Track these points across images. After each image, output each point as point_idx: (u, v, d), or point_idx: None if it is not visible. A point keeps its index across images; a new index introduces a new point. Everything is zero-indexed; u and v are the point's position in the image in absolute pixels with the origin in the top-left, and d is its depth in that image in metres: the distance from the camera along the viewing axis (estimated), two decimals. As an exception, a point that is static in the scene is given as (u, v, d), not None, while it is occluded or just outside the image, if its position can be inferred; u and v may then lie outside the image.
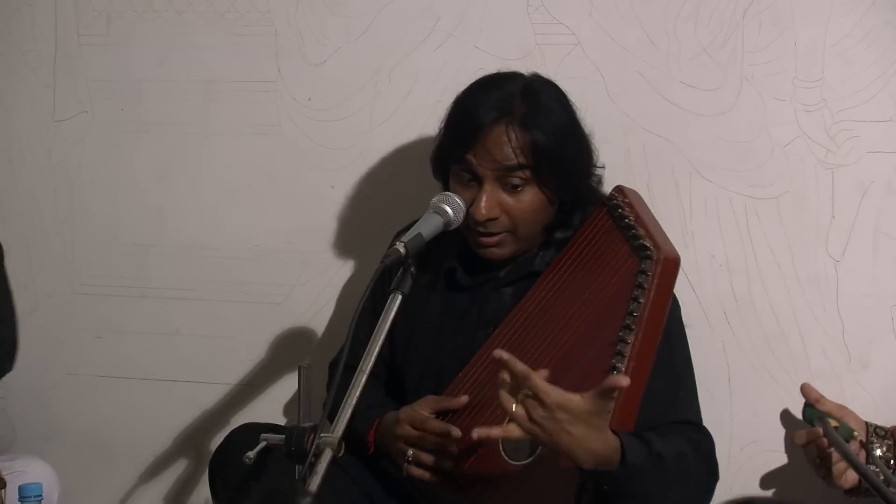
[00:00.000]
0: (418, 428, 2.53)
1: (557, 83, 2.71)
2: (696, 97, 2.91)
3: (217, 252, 3.26)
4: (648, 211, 2.65)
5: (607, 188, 2.71)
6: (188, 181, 3.27)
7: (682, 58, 2.91)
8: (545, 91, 2.64)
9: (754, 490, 2.89)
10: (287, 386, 3.20)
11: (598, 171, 2.70)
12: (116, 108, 3.32)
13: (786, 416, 2.87)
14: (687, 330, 2.70)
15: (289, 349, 3.20)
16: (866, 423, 2.55)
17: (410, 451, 2.53)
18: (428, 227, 2.45)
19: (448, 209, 2.51)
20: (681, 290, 2.67)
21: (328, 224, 3.17)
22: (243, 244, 3.24)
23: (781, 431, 2.88)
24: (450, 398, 2.56)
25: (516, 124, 2.56)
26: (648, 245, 2.49)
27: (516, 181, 2.57)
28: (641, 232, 2.52)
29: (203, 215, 3.27)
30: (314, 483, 2.02)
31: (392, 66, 3.11)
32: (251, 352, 3.23)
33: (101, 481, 3.34)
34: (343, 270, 3.17)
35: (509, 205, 2.58)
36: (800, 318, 2.87)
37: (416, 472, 2.53)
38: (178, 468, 3.29)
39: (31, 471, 2.87)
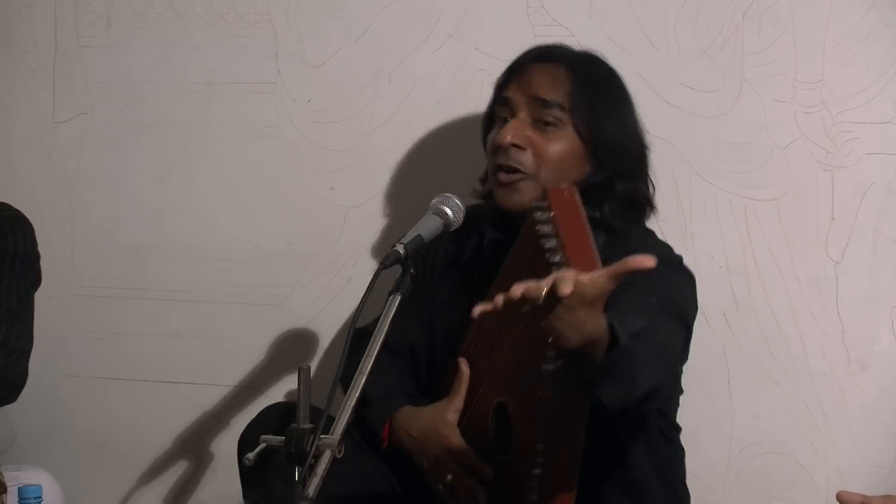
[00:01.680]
0: (460, 461, 2.46)
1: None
2: (695, 99, 2.91)
3: (217, 254, 3.26)
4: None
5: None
6: (188, 183, 3.27)
7: (681, 59, 2.92)
8: (604, 63, 2.63)
9: (754, 491, 2.89)
10: (287, 388, 3.20)
11: (646, 147, 2.63)
12: (116, 109, 3.32)
13: (785, 420, 2.88)
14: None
15: (288, 351, 3.20)
16: None
17: (450, 478, 2.46)
18: (427, 228, 2.44)
19: (448, 210, 2.50)
20: (680, 291, 2.67)
21: (328, 226, 3.17)
22: (243, 246, 3.24)
23: (781, 433, 2.88)
24: (459, 394, 2.49)
25: (565, 67, 2.54)
26: (541, 204, 2.26)
27: (549, 117, 2.52)
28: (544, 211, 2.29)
29: (203, 217, 3.27)
30: (314, 485, 2.03)
31: (392, 67, 3.11)
32: (251, 353, 3.23)
33: (100, 482, 3.34)
34: (343, 272, 3.17)
35: (538, 140, 2.52)
36: (799, 319, 2.87)
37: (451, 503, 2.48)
38: (178, 470, 3.29)
39: (34, 479, 2.86)
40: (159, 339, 3.30)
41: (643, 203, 2.63)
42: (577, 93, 2.53)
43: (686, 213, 2.92)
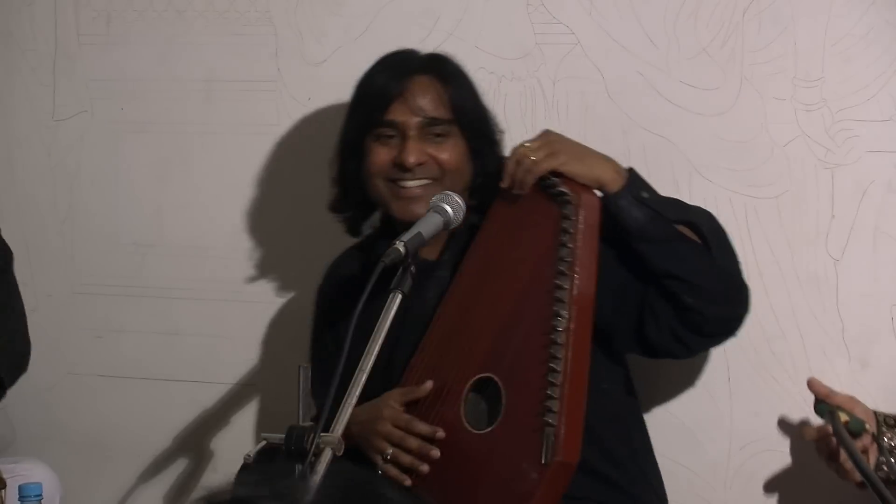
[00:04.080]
0: (402, 428, 2.53)
1: (558, 83, 2.73)
2: (695, 97, 2.90)
3: (217, 251, 3.25)
4: None
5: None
6: (188, 181, 3.27)
7: (681, 57, 2.91)
8: (452, 59, 2.76)
9: (754, 489, 2.89)
10: (287, 386, 3.19)
11: (501, 137, 2.77)
12: (116, 107, 3.32)
13: (786, 418, 2.88)
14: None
15: (288, 349, 3.20)
16: (875, 412, 2.54)
17: (390, 450, 2.53)
18: (428, 226, 2.45)
19: (448, 208, 2.51)
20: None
21: (328, 224, 3.16)
22: (243, 244, 3.24)
23: (781, 431, 2.88)
24: (415, 388, 2.57)
25: (435, 77, 2.67)
26: (565, 190, 2.52)
27: (440, 131, 2.65)
28: (555, 181, 2.55)
29: (203, 215, 3.27)
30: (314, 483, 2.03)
31: (392, 65, 3.11)
32: (251, 351, 3.23)
33: (100, 481, 3.34)
34: (343, 270, 3.17)
35: (435, 152, 2.65)
36: (799, 317, 2.87)
37: (393, 472, 2.53)
38: (178, 468, 3.29)
39: (34, 474, 2.86)
40: (159, 336, 3.30)
41: None
42: (455, 101, 2.67)
43: (686, 211, 2.92)
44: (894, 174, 2.82)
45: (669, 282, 2.56)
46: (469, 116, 2.68)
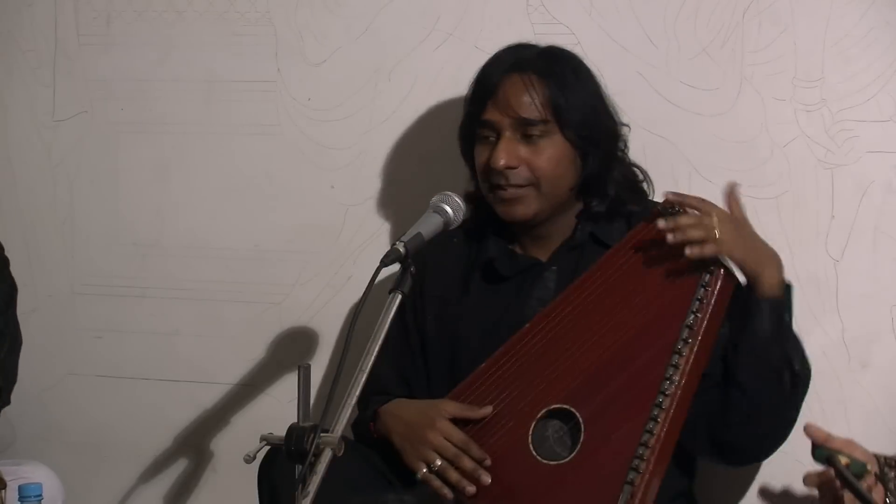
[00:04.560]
0: (456, 445, 2.49)
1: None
2: (695, 97, 2.91)
3: (217, 252, 3.26)
4: None
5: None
6: (188, 181, 3.28)
7: (681, 58, 2.92)
8: (565, 52, 2.68)
9: (754, 489, 2.89)
10: (287, 386, 3.20)
11: (624, 131, 2.70)
12: (116, 107, 3.32)
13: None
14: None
15: (288, 349, 3.20)
16: (875, 455, 2.49)
17: (439, 462, 2.48)
18: (427, 226, 2.44)
19: (448, 208, 2.50)
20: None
21: (328, 224, 3.17)
22: (243, 244, 3.24)
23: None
24: (474, 408, 2.52)
25: (534, 74, 2.58)
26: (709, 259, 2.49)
27: (535, 132, 2.57)
28: None
29: (203, 215, 3.27)
30: (314, 483, 2.03)
31: (392, 65, 3.11)
32: (251, 352, 3.23)
33: (100, 481, 3.34)
34: (343, 270, 3.17)
35: (528, 156, 2.58)
36: (799, 318, 2.85)
37: (435, 483, 2.49)
38: (178, 468, 3.29)
39: (36, 476, 2.86)
40: (159, 337, 3.30)
41: (641, 181, 2.73)
42: (556, 99, 2.58)
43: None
44: (894, 174, 2.82)
45: (739, 394, 2.51)
46: (572, 117, 2.58)
